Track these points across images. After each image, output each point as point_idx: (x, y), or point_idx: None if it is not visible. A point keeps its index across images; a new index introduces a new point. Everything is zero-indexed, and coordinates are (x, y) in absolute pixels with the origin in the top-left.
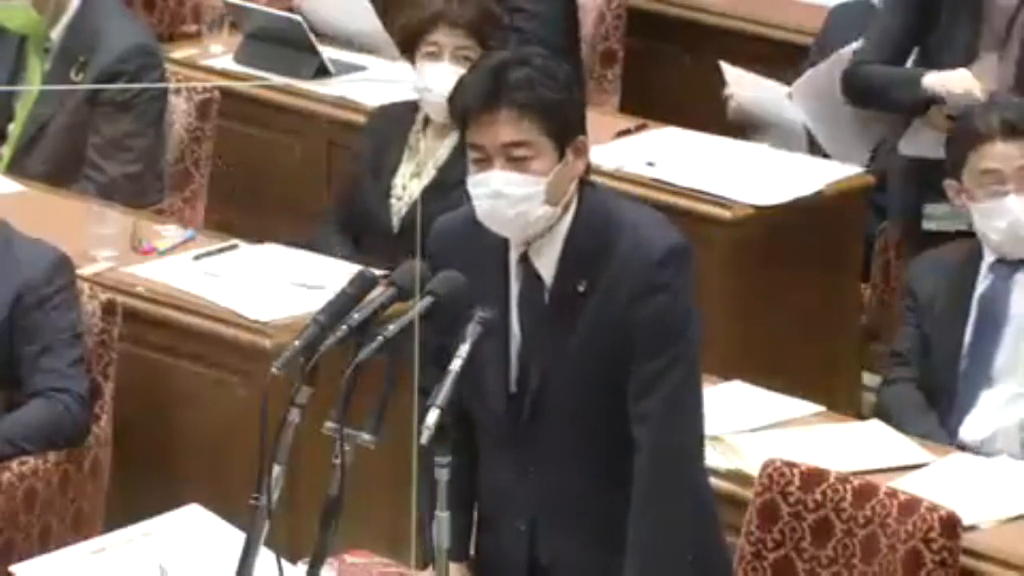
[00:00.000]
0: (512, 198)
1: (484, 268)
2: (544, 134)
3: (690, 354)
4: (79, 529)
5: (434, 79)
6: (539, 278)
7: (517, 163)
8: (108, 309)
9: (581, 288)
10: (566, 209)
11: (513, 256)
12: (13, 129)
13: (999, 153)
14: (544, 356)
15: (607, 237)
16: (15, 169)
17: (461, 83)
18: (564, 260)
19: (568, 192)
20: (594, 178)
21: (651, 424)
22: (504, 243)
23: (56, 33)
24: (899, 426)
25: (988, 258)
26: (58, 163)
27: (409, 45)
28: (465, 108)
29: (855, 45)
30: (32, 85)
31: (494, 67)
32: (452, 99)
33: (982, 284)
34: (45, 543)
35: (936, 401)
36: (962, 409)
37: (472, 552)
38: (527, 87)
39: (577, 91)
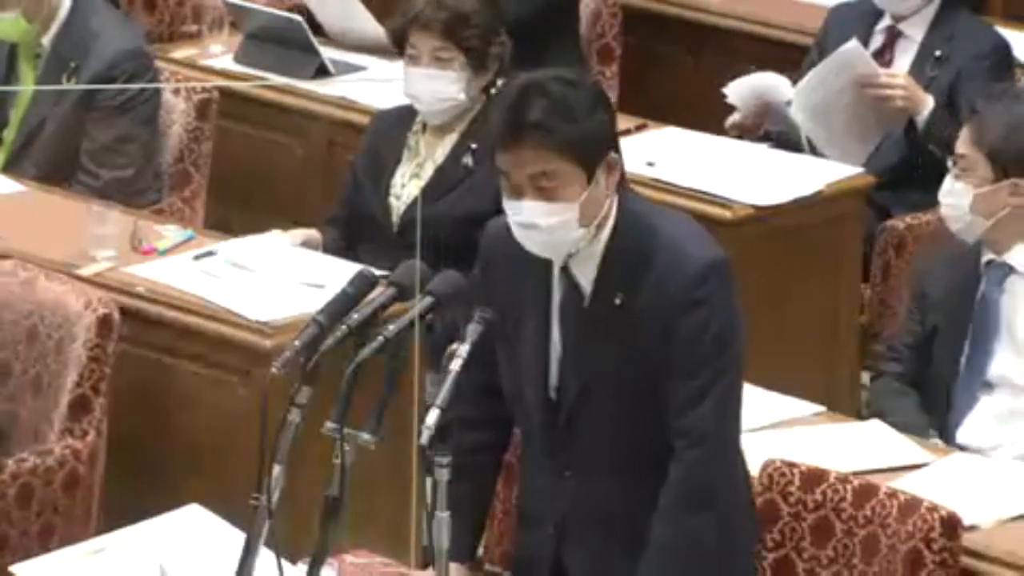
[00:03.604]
0: (544, 227)
1: (529, 274)
2: (570, 163)
3: (732, 368)
4: (79, 529)
5: (415, 85)
6: (579, 289)
7: (546, 192)
8: (104, 323)
9: (619, 301)
10: (605, 220)
11: (555, 266)
12: (7, 135)
13: (963, 136)
14: (582, 365)
15: (645, 251)
16: (9, 174)
17: (490, 112)
18: (603, 272)
19: (603, 209)
20: None
21: (693, 439)
22: None
23: (47, 39)
24: (880, 415)
25: (983, 257)
26: (51, 168)
27: (399, 48)
28: (492, 138)
29: (852, 43)
30: (25, 92)
31: (513, 103)
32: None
33: (981, 287)
34: (45, 543)
35: (935, 399)
36: (960, 412)
37: (497, 551)
38: (545, 126)
39: (602, 110)
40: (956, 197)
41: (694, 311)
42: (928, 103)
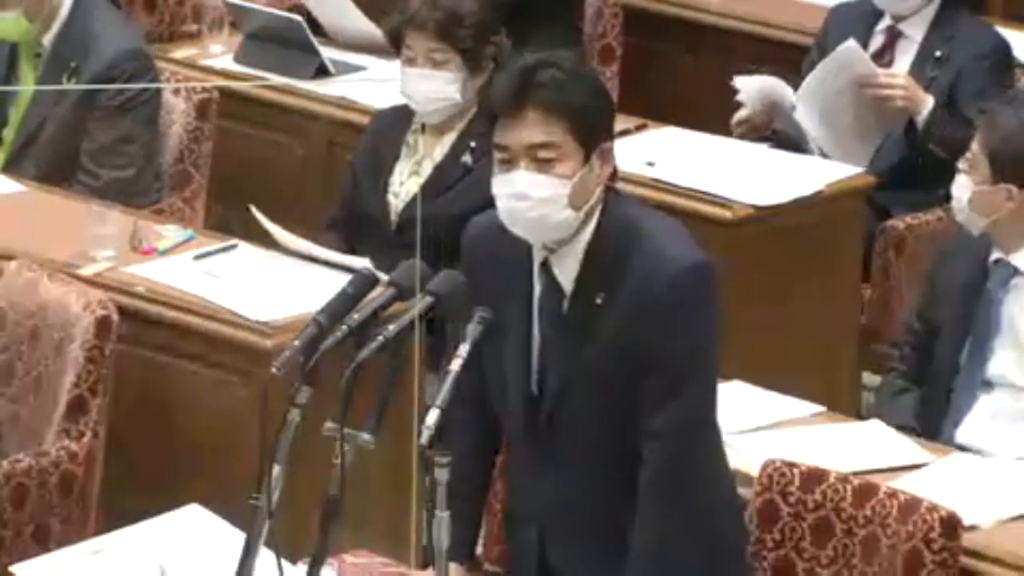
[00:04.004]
0: (535, 199)
1: (511, 270)
2: (570, 137)
3: (705, 370)
4: (75, 531)
5: (410, 85)
6: (559, 287)
7: (542, 164)
8: (102, 324)
9: (599, 300)
10: (589, 217)
11: (535, 261)
12: (7, 134)
13: (977, 133)
14: (562, 363)
15: (626, 251)
16: (9, 174)
17: (492, 83)
18: (584, 271)
19: (592, 198)
20: None
21: (659, 442)
22: (530, 246)
23: (48, 39)
24: (880, 415)
25: (992, 255)
26: (51, 168)
27: (396, 47)
28: (494, 106)
29: (849, 43)
30: (25, 92)
31: (523, 68)
32: (484, 96)
33: (990, 281)
34: (40, 544)
35: (935, 397)
36: (960, 411)
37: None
38: (555, 88)
39: (605, 97)
40: (959, 191)
41: (672, 313)
42: (928, 103)
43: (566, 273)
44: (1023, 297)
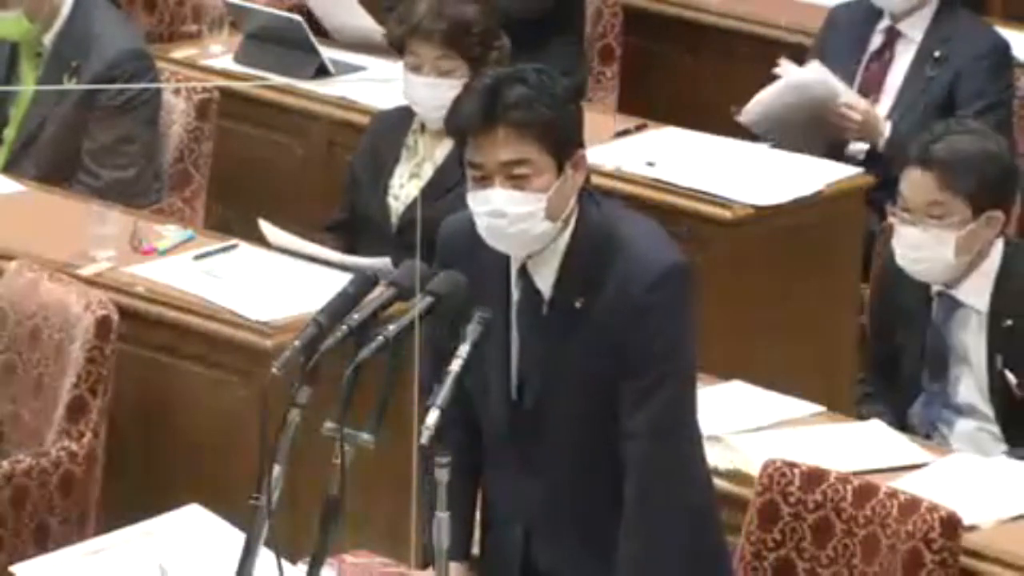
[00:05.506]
0: (513, 216)
1: (488, 273)
2: (543, 152)
3: (680, 373)
4: (75, 531)
5: (416, 93)
6: (537, 292)
7: (517, 181)
8: (102, 325)
9: (578, 305)
10: (566, 223)
11: (513, 267)
12: (7, 134)
13: (924, 185)
14: (542, 367)
15: (604, 254)
16: (9, 174)
17: (458, 101)
18: (562, 276)
19: (568, 207)
20: (595, 178)
21: (637, 442)
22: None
23: (49, 39)
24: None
25: (933, 287)
26: (51, 168)
27: (400, 52)
28: (462, 127)
29: (819, 69)
30: (26, 92)
31: (490, 86)
32: (449, 117)
33: (934, 312)
34: (40, 545)
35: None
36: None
37: (477, 551)
38: (524, 106)
39: (574, 105)
40: (934, 248)
41: (649, 314)
42: (884, 132)
43: (544, 278)
44: (969, 330)
